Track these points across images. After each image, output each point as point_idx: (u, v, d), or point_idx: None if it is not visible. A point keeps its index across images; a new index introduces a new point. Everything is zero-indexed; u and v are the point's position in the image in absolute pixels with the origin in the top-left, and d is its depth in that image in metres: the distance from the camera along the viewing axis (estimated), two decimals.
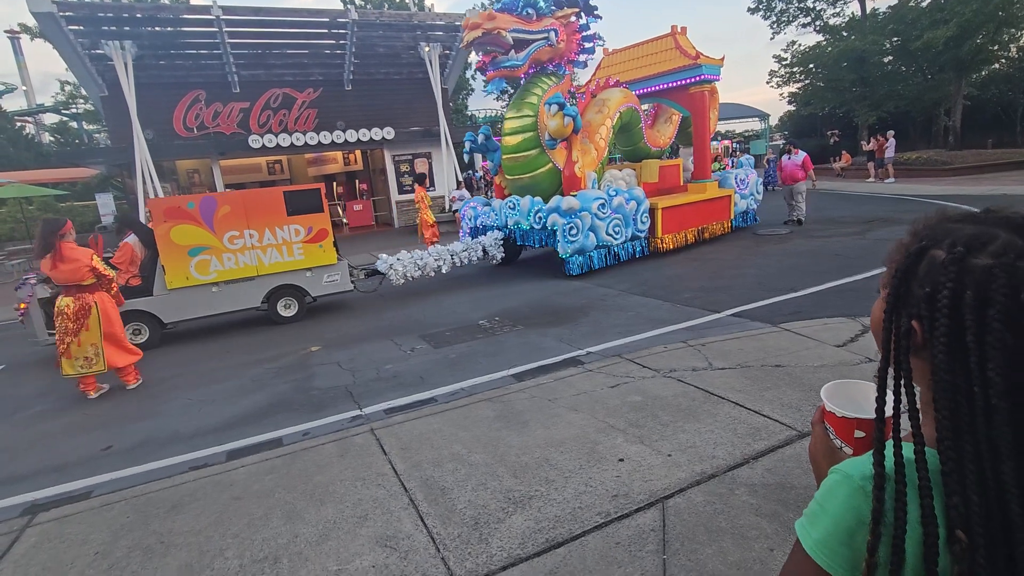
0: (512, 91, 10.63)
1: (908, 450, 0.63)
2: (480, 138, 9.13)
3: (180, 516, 2.85)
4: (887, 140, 17.35)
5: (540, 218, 8.14)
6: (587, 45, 8.52)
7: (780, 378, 3.75)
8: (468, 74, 29.04)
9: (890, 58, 24.34)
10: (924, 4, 21.84)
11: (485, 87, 8.41)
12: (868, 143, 18.80)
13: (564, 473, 2.85)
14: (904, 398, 0.65)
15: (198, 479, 3.22)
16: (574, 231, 7.85)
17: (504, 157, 8.50)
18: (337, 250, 7.18)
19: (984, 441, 0.57)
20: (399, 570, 2.28)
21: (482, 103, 61.21)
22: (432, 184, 17.98)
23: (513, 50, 7.59)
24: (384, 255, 7.72)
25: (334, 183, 21.69)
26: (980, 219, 0.65)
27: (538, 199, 8.25)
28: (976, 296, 0.58)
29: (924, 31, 20.32)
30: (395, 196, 18.00)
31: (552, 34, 7.82)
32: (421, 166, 17.98)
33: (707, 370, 4.00)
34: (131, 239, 6.63)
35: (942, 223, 0.67)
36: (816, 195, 15.16)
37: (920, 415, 0.65)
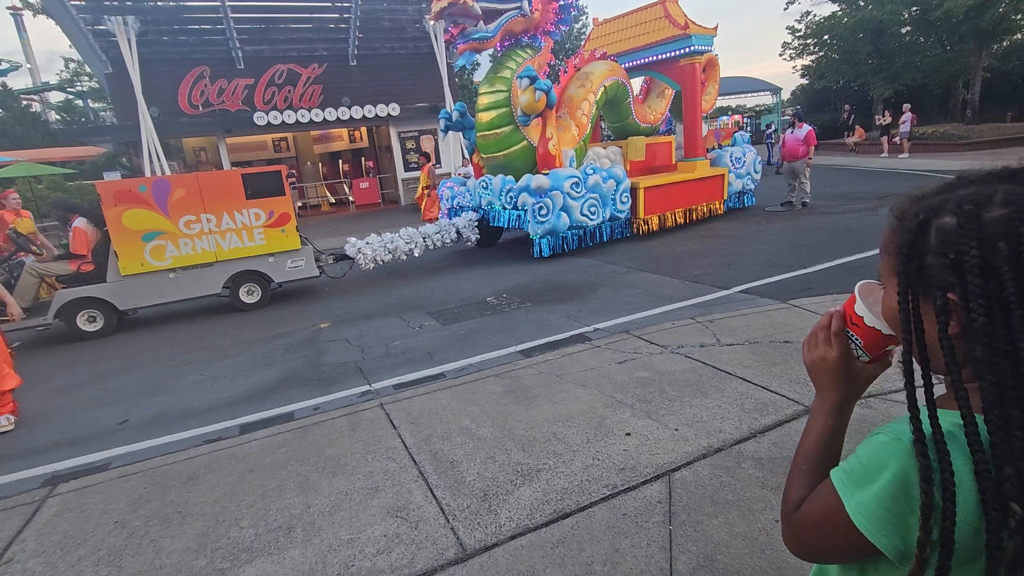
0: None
1: (945, 418, 0.61)
2: (455, 115, 8.78)
3: (196, 487, 2.92)
4: (903, 114, 16.94)
5: (511, 197, 7.86)
6: (563, 15, 8.15)
7: (788, 354, 3.74)
8: None
9: (908, 28, 23.62)
10: None
11: (455, 62, 8.13)
12: (883, 116, 18.37)
13: (572, 447, 2.88)
14: (951, 376, 0.61)
15: (212, 452, 3.29)
16: (544, 211, 7.57)
17: (478, 134, 8.22)
18: (301, 235, 6.99)
19: None
20: (410, 539, 2.32)
21: None
22: (438, 161, 17.86)
23: (483, 21, 7.30)
24: (353, 238, 7.51)
25: (340, 161, 21.58)
26: (962, 182, 0.64)
27: (510, 178, 7.96)
28: (1009, 247, 0.56)
29: (944, 0, 19.65)
30: (401, 174, 17.90)
31: (525, 3, 7.50)
32: (427, 143, 17.82)
33: (715, 346, 4.00)
34: (80, 223, 6.37)
35: (925, 197, 0.66)
36: (827, 170, 14.90)
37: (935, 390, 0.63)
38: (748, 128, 23.26)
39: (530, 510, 2.42)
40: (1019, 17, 21.45)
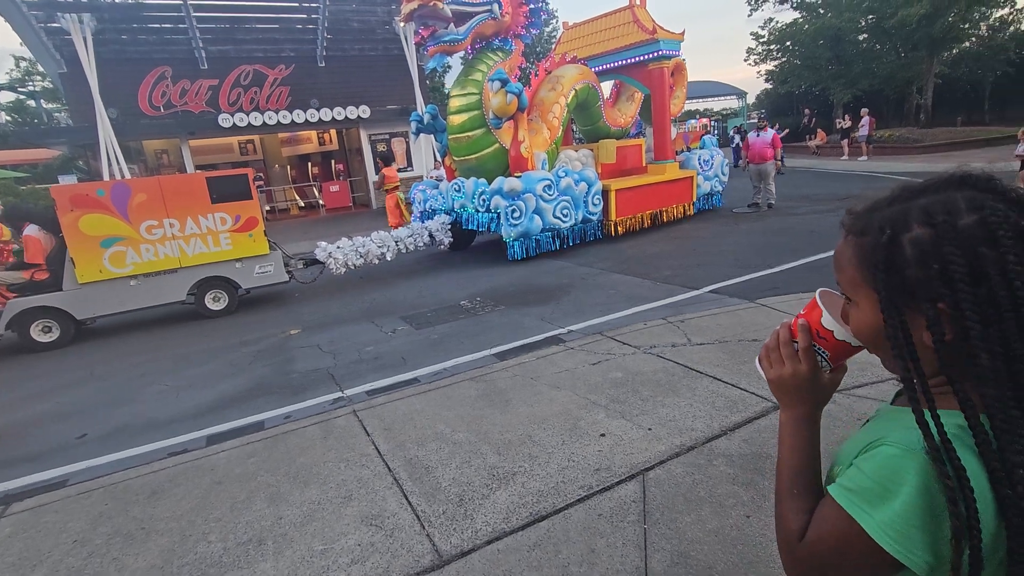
0: None
1: (947, 419, 0.60)
2: (427, 118, 8.75)
3: (160, 502, 2.82)
4: (861, 118, 17.59)
5: (484, 200, 7.87)
6: (534, 19, 8.21)
7: (757, 352, 3.82)
8: None
9: (865, 36, 24.60)
10: None
11: (425, 64, 8.13)
12: (843, 120, 19.04)
13: (547, 449, 2.89)
14: (953, 384, 0.61)
15: (178, 465, 3.18)
16: (517, 214, 7.58)
17: (450, 137, 8.19)
18: (269, 239, 6.85)
19: None
20: (384, 547, 2.29)
21: None
22: (409, 164, 17.73)
23: (453, 23, 7.30)
24: (323, 243, 7.37)
25: (309, 163, 21.21)
26: (911, 192, 0.65)
27: (482, 181, 7.97)
28: (991, 250, 0.57)
29: (898, 9, 20.53)
30: (372, 177, 17.69)
31: (495, 6, 7.54)
32: (399, 146, 17.68)
33: (686, 346, 4.07)
34: (32, 230, 6.12)
35: (878, 210, 0.67)
36: (791, 172, 15.36)
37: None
38: (715, 132, 23.78)
39: (506, 514, 2.42)
40: (967, 26, 22.59)
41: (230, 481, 2.93)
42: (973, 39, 24.05)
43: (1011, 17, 23.68)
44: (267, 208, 18.93)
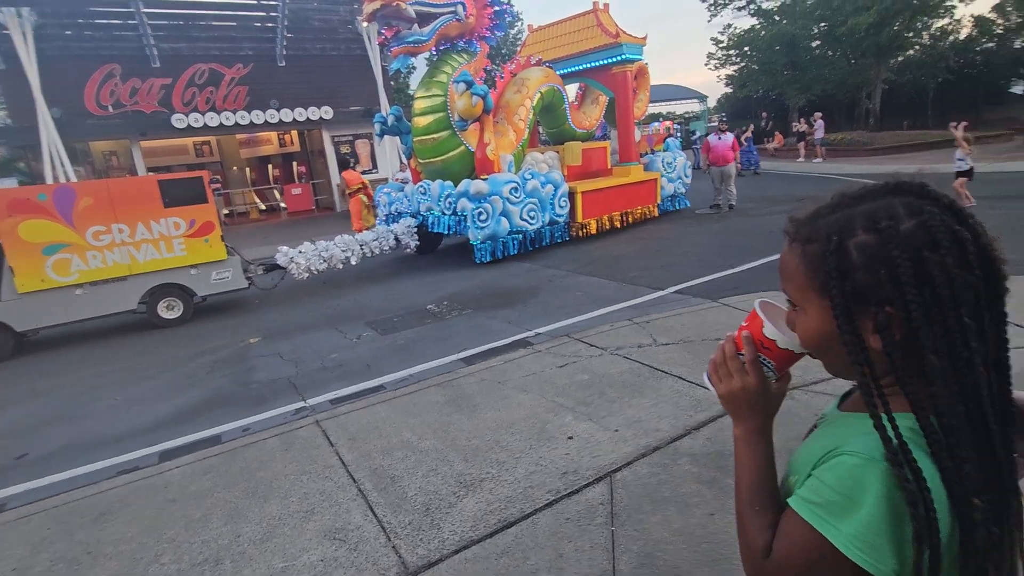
0: None
1: (900, 422, 0.61)
2: (391, 119, 8.64)
3: (109, 524, 2.67)
4: (815, 122, 18.28)
5: (450, 203, 7.82)
6: (499, 21, 8.22)
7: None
8: None
9: (818, 43, 25.61)
10: None
11: (389, 65, 8.05)
12: (799, 123, 19.74)
13: (515, 454, 2.87)
14: (904, 386, 0.62)
15: (128, 483, 3.02)
16: (484, 216, 7.55)
17: (415, 139, 8.12)
18: (227, 244, 6.63)
19: (973, 399, 0.59)
20: (349, 562, 2.23)
21: None
22: (374, 166, 17.48)
23: (417, 24, 7.24)
24: (284, 247, 7.17)
25: (270, 165, 20.65)
26: (850, 200, 0.67)
27: (448, 183, 7.91)
28: (933, 253, 0.59)
29: (848, 17, 21.45)
30: (336, 179, 17.37)
31: (460, 8, 7.52)
32: (363, 148, 17.40)
33: (652, 346, 4.12)
34: None
35: (821, 217, 0.68)
36: (750, 174, 15.83)
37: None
38: (678, 134, 24.30)
39: (474, 522, 2.39)
40: (911, 35, 23.79)
41: (185, 499, 2.81)
42: (917, 47, 25.36)
43: (950, 27, 25.13)
44: (226, 212, 18.34)
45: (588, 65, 9.75)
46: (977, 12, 31.70)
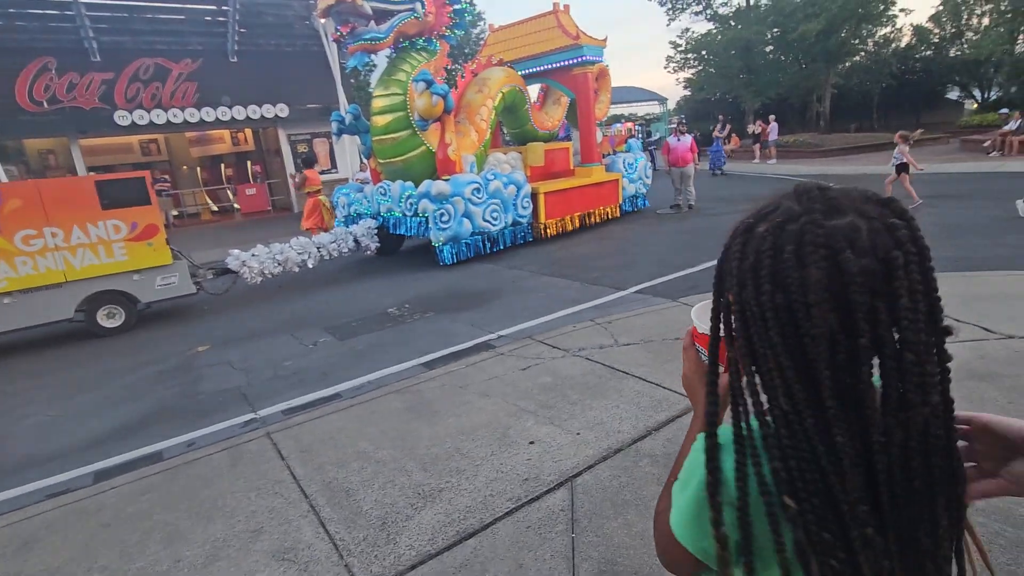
0: None
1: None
2: (349, 118, 8.41)
3: (33, 553, 2.46)
4: (769, 125, 18.89)
5: (411, 204, 7.67)
6: (458, 19, 8.11)
7: (679, 351, 3.91)
8: None
9: (771, 48, 26.45)
10: None
11: (347, 62, 7.87)
12: (755, 125, 20.35)
13: (475, 461, 2.79)
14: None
15: (57, 508, 2.80)
16: (446, 217, 7.43)
17: (374, 139, 7.92)
18: (173, 248, 6.30)
19: (787, 401, 0.57)
20: None
21: None
22: (333, 166, 17.07)
23: (375, 21, 7.07)
24: (236, 250, 6.86)
25: (223, 165, 19.89)
26: (764, 205, 0.67)
27: (409, 184, 7.76)
28: (755, 259, 0.59)
29: (799, 23, 22.26)
30: (291, 171, 16.85)
31: (418, 5, 7.37)
32: (321, 147, 16.96)
33: (613, 347, 4.11)
34: None
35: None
36: (708, 175, 16.20)
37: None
38: (640, 136, 24.68)
39: (431, 534, 2.30)
40: (857, 42, 24.91)
41: (120, 522, 2.61)
42: (863, 54, 26.58)
43: (892, 35, 26.46)
44: (175, 213, 17.57)
45: (549, 66, 9.71)
46: (916, 22, 33.54)
